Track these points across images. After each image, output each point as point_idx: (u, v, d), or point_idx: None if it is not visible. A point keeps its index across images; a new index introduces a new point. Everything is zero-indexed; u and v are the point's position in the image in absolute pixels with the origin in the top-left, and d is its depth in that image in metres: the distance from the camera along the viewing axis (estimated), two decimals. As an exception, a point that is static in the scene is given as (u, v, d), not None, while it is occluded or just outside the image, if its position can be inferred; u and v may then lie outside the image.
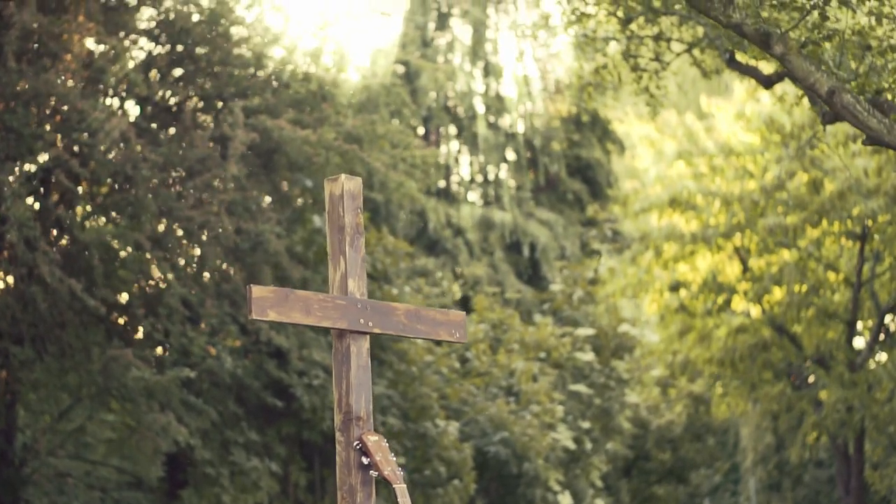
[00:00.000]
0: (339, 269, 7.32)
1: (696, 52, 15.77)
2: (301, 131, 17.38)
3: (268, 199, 18.59)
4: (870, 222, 22.83)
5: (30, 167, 16.24)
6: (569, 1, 14.81)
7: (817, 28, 10.83)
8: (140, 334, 17.29)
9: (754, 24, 10.66)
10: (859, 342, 25.23)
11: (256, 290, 6.93)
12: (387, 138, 18.36)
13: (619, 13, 14.94)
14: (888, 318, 24.94)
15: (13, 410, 17.28)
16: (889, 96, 11.81)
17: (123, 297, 17.36)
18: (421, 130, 32.04)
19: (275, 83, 18.11)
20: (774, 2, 10.80)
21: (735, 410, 27.43)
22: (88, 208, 17.29)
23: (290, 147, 17.43)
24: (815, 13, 10.71)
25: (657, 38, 15.52)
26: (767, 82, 13.91)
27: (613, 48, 16.11)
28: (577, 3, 14.79)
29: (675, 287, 25.97)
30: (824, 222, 23.69)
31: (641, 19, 15.16)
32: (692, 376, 28.79)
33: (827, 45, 10.90)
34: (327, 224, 7.40)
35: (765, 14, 10.67)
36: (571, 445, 22.96)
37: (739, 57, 13.86)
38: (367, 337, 7.28)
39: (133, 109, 17.92)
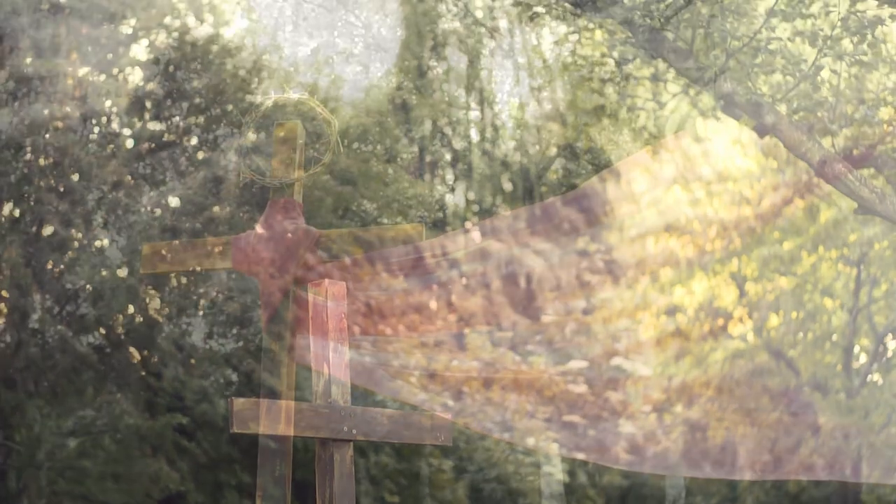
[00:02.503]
0: (322, 376, 7.28)
1: (692, 91, 15.76)
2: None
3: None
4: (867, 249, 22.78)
5: (21, 210, 16.17)
6: (566, 38, 14.82)
7: (808, 96, 10.77)
8: (132, 378, 17.21)
9: (745, 94, 10.63)
10: (856, 366, 25.20)
11: (238, 404, 6.88)
12: (380, 178, 18.29)
13: (616, 55, 14.94)
14: (885, 340, 24.91)
15: (4, 450, 17.23)
16: (882, 150, 11.76)
17: (117, 335, 17.30)
18: (415, 149, 31.87)
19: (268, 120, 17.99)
20: (765, 69, 10.75)
21: (734, 434, 27.37)
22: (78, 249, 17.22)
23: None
24: (806, 82, 10.65)
25: (654, 78, 15.52)
26: (762, 130, 13.89)
27: (610, 89, 16.11)
28: (575, 46, 14.80)
29: (671, 311, 25.91)
30: (821, 248, 23.64)
31: (638, 61, 15.16)
32: (688, 402, 28.71)
33: (820, 113, 10.85)
34: (311, 330, 7.34)
35: (759, 84, 10.63)
36: (565, 479, 22.86)
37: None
38: (351, 444, 7.24)
39: (126, 144, 17.84)
